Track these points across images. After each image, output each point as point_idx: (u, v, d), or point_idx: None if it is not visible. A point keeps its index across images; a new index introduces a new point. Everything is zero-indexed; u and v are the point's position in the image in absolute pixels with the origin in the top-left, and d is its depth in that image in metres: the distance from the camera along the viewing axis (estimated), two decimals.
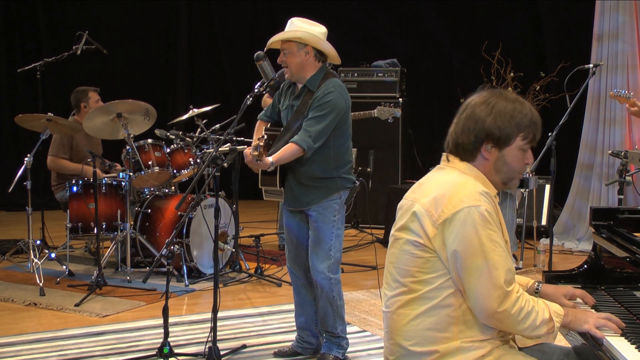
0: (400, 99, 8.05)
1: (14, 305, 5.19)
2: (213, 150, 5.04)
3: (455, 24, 9.35)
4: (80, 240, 6.41)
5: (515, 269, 4.86)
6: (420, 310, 2.34)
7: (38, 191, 6.52)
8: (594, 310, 2.55)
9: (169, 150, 6.19)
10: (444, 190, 2.33)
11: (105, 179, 5.89)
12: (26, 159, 5.55)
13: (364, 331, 4.65)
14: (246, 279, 5.85)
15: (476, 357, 2.31)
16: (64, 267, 5.81)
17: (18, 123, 5.94)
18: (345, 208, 4.01)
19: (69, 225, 5.79)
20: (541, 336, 2.33)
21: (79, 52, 6.98)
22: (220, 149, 4.10)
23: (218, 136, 6.02)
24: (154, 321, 4.69)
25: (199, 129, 6.42)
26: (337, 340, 4.07)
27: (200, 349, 4.09)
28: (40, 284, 5.35)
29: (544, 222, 7.33)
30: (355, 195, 4.06)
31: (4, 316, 4.94)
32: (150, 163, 6.00)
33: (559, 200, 7.75)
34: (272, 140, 3.98)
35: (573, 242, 7.19)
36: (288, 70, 3.91)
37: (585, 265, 2.95)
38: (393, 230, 2.47)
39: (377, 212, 7.73)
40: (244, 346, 4.33)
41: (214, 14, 9.89)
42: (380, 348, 4.31)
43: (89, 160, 5.82)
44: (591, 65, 5.63)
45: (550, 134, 5.43)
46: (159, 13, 9.81)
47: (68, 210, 5.85)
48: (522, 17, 9.01)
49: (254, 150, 3.64)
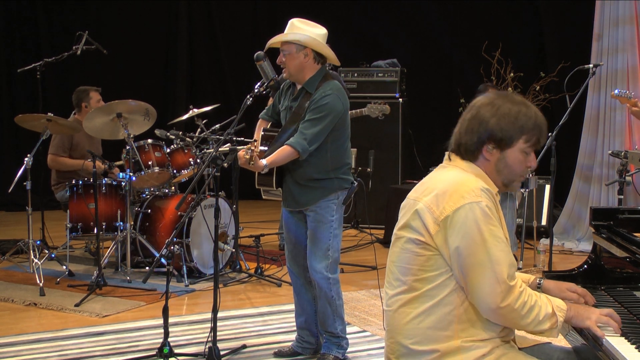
0: (400, 99, 8.06)
1: (14, 305, 5.19)
2: (213, 150, 5.04)
3: (456, 24, 9.36)
4: (80, 240, 6.41)
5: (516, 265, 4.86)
6: (421, 309, 2.34)
7: (38, 191, 6.52)
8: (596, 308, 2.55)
9: (169, 150, 6.19)
10: (445, 187, 2.34)
11: (105, 179, 5.90)
12: (26, 159, 5.55)
13: (364, 331, 4.65)
14: (246, 279, 5.85)
15: (477, 357, 2.31)
16: (64, 267, 5.81)
17: (18, 123, 5.95)
18: (343, 208, 4.02)
19: (69, 225, 5.79)
20: (544, 331, 2.32)
21: (79, 52, 6.98)
22: (220, 149, 4.10)
23: (218, 136, 6.02)
24: (154, 321, 4.69)
25: (199, 129, 6.42)
26: (337, 340, 4.07)
27: (200, 349, 4.09)
28: (40, 284, 5.35)
29: (544, 222, 7.33)
30: (353, 195, 4.06)
31: (4, 316, 4.94)
32: (150, 163, 6.00)
33: (559, 200, 7.75)
34: (269, 141, 3.99)
35: (573, 242, 7.19)
36: (286, 70, 3.91)
37: (585, 266, 2.95)
38: (395, 229, 2.48)
39: (377, 212, 7.73)
40: (244, 346, 4.34)
41: (214, 14, 9.89)
42: (380, 348, 4.32)
43: (89, 160, 5.83)
44: (591, 65, 5.63)
45: (550, 134, 5.43)
46: (159, 13, 9.82)
47: (68, 210, 5.85)
48: (522, 17, 9.01)
49: (247, 153, 3.65)
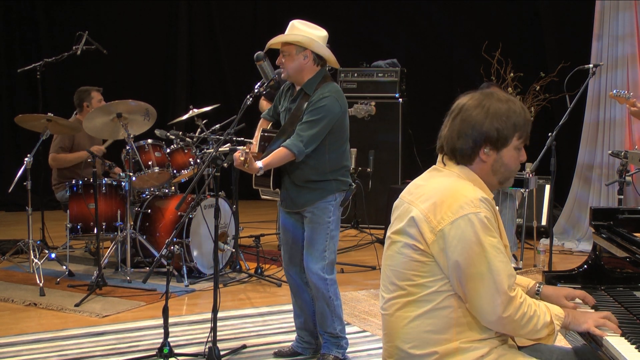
0: (400, 99, 8.06)
1: (14, 305, 5.19)
2: (213, 150, 5.03)
3: (456, 24, 9.35)
4: (80, 241, 6.41)
5: (515, 269, 4.86)
6: (418, 313, 2.33)
7: (38, 191, 6.52)
8: (593, 310, 2.55)
9: (169, 150, 6.19)
10: (443, 196, 2.32)
11: (105, 180, 5.90)
12: (26, 159, 5.55)
13: (364, 331, 4.65)
14: (246, 279, 5.85)
15: (475, 358, 2.31)
16: (64, 267, 5.81)
17: (18, 123, 5.95)
18: (341, 210, 4.02)
19: (69, 225, 5.79)
20: (542, 339, 2.34)
21: (79, 52, 6.99)
22: (220, 149, 4.10)
23: (218, 136, 6.01)
24: (154, 321, 4.69)
25: (199, 129, 6.42)
26: (337, 341, 4.07)
27: (200, 349, 4.09)
28: (40, 284, 5.35)
29: (544, 222, 7.33)
30: (353, 196, 4.06)
31: (4, 316, 4.94)
32: (150, 163, 6.00)
33: (559, 200, 7.75)
34: (268, 142, 3.99)
35: (573, 242, 7.19)
36: (284, 70, 3.91)
37: (585, 266, 2.95)
38: (389, 232, 2.46)
39: (377, 212, 7.72)
40: (244, 346, 4.34)
41: (214, 14, 9.89)
42: (380, 348, 4.31)
43: (89, 161, 5.83)
44: (591, 65, 5.63)
45: (550, 134, 5.43)
46: (159, 13, 9.82)
47: (68, 211, 5.85)
48: (522, 17, 9.01)
49: (242, 155, 3.65)
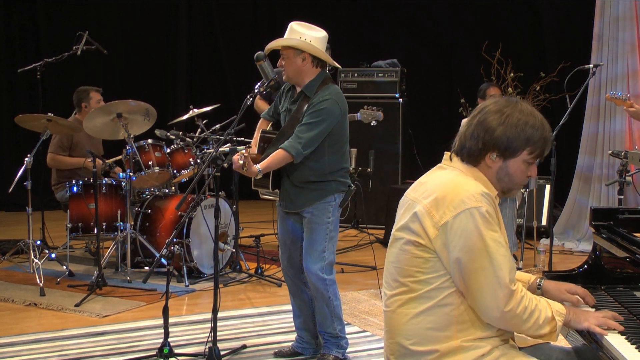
0: (400, 99, 8.06)
1: (14, 305, 5.19)
2: (213, 150, 5.04)
3: (456, 24, 9.36)
4: (80, 241, 6.41)
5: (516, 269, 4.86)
6: (420, 309, 2.34)
7: (38, 191, 6.52)
8: (594, 310, 2.55)
9: (169, 150, 6.19)
10: (445, 191, 2.33)
11: (105, 180, 5.90)
12: (26, 159, 5.55)
13: (364, 331, 4.65)
14: (246, 279, 5.85)
15: (476, 357, 2.31)
16: (64, 267, 5.81)
17: (18, 123, 5.95)
18: (340, 211, 4.02)
19: (69, 225, 5.79)
20: (544, 335, 2.33)
21: (79, 52, 6.98)
22: (220, 149, 4.10)
23: (218, 136, 6.02)
24: (154, 321, 4.69)
25: (199, 129, 6.42)
26: (337, 340, 4.07)
27: (200, 349, 4.09)
28: (41, 284, 5.35)
29: (544, 222, 7.33)
30: (353, 196, 4.06)
31: (4, 316, 4.94)
32: (150, 163, 6.00)
33: (559, 200, 7.76)
34: (267, 143, 3.99)
35: (573, 242, 7.19)
36: (285, 73, 3.92)
37: (586, 266, 2.94)
38: (394, 230, 2.47)
39: (377, 212, 7.73)
40: (244, 346, 4.34)
41: (214, 14, 9.89)
42: (380, 348, 4.32)
43: (89, 160, 5.84)
44: (591, 65, 5.64)
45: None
46: (159, 13, 9.82)
47: (68, 211, 5.85)
48: (522, 17, 9.01)
49: (240, 158, 3.65)
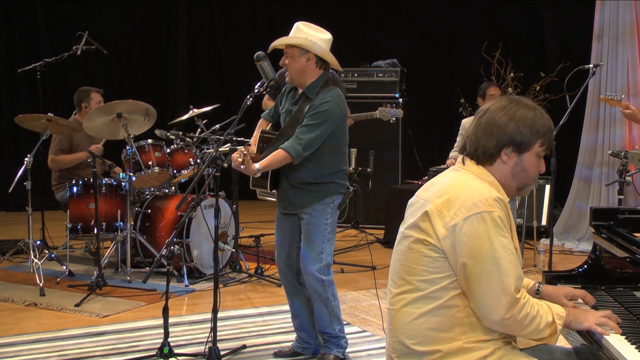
0: (400, 99, 8.06)
1: (14, 305, 5.19)
2: (213, 150, 5.04)
3: (456, 24, 9.36)
4: (80, 241, 6.40)
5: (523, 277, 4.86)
6: (424, 310, 2.34)
7: (38, 191, 6.52)
8: (594, 310, 2.55)
9: (169, 150, 6.19)
10: (458, 193, 2.33)
11: (105, 180, 5.90)
12: (26, 159, 5.55)
13: (364, 331, 4.65)
14: (246, 279, 5.85)
15: (478, 358, 2.31)
16: (64, 267, 5.81)
17: (18, 123, 5.95)
18: (338, 213, 4.02)
19: (69, 225, 5.79)
20: (544, 338, 2.34)
21: (79, 52, 6.98)
22: (220, 149, 4.10)
23: (218, 136, 6.02)
24: (154, 321, 4.69)
25: (199, 129, 6.42)
26: (336, 340, 4.07)
27: (200, 349, 4.09)
28: (40, 284, 5.35)
29: (544, 222, 7.33)
30: (353, 196, 4.06)
31: (4, 316, 4.94)
32: (150, 163, 6.00)
33: (559, 200, 7.75)
34: (267, 143, 3.99)
35: (573, 242, 7.19)
36: (288, 73, 3.92)
37: (585, 266, 2.94)
38: (402, 228, 2.47)
39: (377, 212, 7.73)
40: (244, 346, 4.34)
41: (214, 14, 9.89)
42: (380, 348, 4.32)
43: (89, 161, 5.83)
44: (591, 65, 5.64)
45: None
46: (159, 13, 9.82)
47: (68, 211, 5.85)
48: (522, 17, 9.01)
49: (240, 156, 3.65)
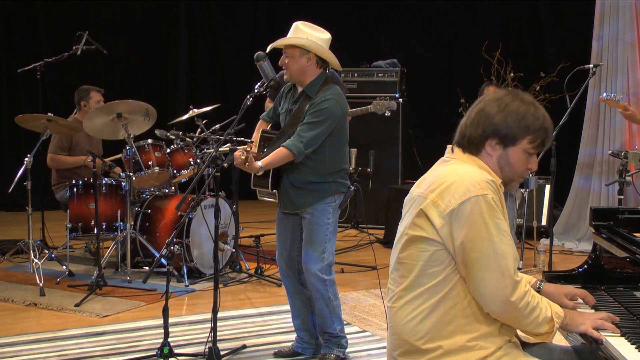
0: (400, 99, 8.06)
1: (14, 305, 5.19)
2: (213, 150, 5.04)
3: (456, 24, 9.36)
4: (80, 241, 6.41)
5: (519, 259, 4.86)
6: (425, 306, 2.34)
7: (38, 191, 6.52)
8: (593, 310, 2.55)
9: (169, 150, 6.19)
10: (450, 181, 2.33)
11: (105, 179, 5.90)
12: (26, 159, 5.55)
13: (364, 331, 4.65)
14: (246, 279, 5.85)
15: (479, 357, 2.31)
16: (64, 267, 5.81)
17: (18, 123, 5.95)
18: (339, 212, 4.02)
19: (69, 225, 5.79)
20: (541, 334, 2.33)
21: (79, 52, 6.98)
22: (220, 149, 4.10)
23: (218, 136, 6.01)
24: (154, 321, 4.69)
25: (199, 129, 6.42)
26: (337, 340, 4.07)
27: (200, 349, 4.09)
28: (40, 284, 5.35)
29: (544, 222, 7.33)
30: (353, 196, 4.06)
31: (4, 316, 4.94)
32: (150, 163, 6.00)
33: (559, 200, 7.75)
34: (268, 143, 3.99)
35: (573, 242, 7.19)
36: (287, 72, 3.92)
37: (586, 266, 2.94)
38: (400, 227, 2.47)
39: (377, 212, 7.73)
40: (244, 346, 4.34)
41: (214, 14, 9.89)
42: (380, 348, 4.32)
43: (89, 161, 5.84)
44: (591, 65, 5.64)
45: None
46: (159, 13, 9.82)
47: (68, 211, 5.85)
48: (522, 17, 9.01)
49: (242, 154, 3.66)
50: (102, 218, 5.73)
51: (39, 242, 5.92)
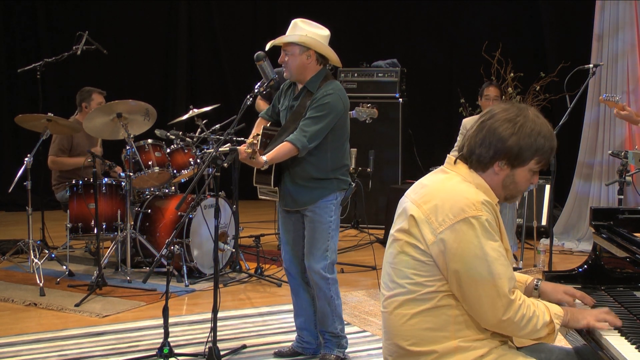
0: (400, 99, 8.06)
1: (14, 305, 5.19)
2: (213, 150, 5.03)
3: (455, 24, 9.36)
4: (80, 240, 6.41)
5: (515, 269, 4.86)
6: (417, 310, 2.34)
7: (38, 191, 6.52)
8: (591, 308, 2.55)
9: (169, 150, 6.19)
10: (445, 198, 2.31)
11: (106, 179, 5.90)
12: (26, 159, 5.55)
13: (364, 331, 4.65)
14: (246, 279, 5.85)
15: (474, 357, 2.31)
16: (64, 267, 5.81)
17: (18, 123, 5.95)
18: (340, 210, 4.02)
19: (69, 225, 5.79)
20: (542, 338, 2.34)
21: (79, 52, 6.98)
22: (220, 149, 4.09)
23: (218, 136, 6.01)
24: (154, 321, 4.69)
25: (199, 129, 6.42)
26: (337, 340, 4.07)
27: (200, 349, 4.09)
28: (40, 284, 5.35)
29: (544, 222, 7.33)
30: (353, 196, 4.06)
31: (4, 316, 4.94)
32: (150, 163, 6.00)
33: (559, 200, 7.75)
34: (270, 139, 3.99)
35: (573, 242, 7.19)
36: (287, 69, 3.92)
37: (585, 266, 2.94)
38: (392, 230, 2.46)
39: (377, 212, 7.73)
40: (244, 346, 4.34)
41: (214, 14, 9.89)
42: (380, 348, 4.31)
43: (89, 161, 5.84)
44: (591, 65, 5.64)
45: None
46: (159, 13, 9.82)
47: (68, 210, 5.85)
48: (522, 17, 9.01)
49: (248, 147, 3.66)
50: (102, 218, 5.73)
51: (39, 242, 5.92)
